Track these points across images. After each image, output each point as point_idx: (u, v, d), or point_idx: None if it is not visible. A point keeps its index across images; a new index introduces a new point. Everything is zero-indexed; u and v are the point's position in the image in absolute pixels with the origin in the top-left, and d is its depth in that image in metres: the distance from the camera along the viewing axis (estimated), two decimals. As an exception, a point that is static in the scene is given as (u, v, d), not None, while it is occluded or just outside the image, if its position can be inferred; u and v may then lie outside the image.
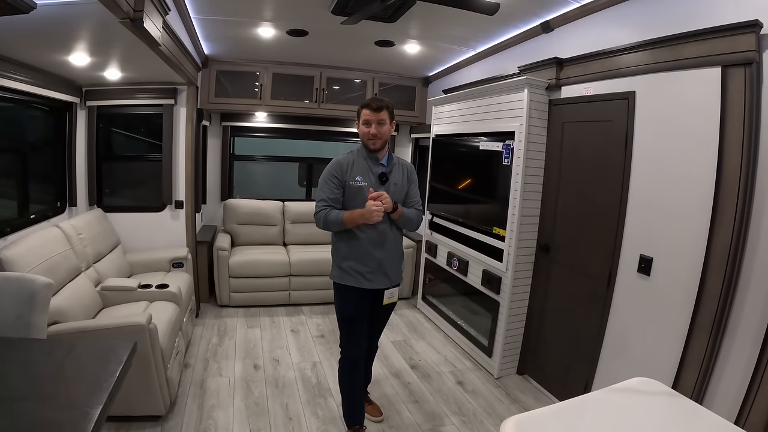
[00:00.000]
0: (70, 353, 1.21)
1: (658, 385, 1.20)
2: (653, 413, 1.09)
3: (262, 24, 2.86)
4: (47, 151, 2.92)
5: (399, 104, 4.02)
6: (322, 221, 1.87)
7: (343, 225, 1.85)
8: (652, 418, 1.08)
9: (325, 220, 1.86)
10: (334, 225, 1.86)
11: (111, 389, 1.00)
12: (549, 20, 2.53)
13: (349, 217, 1.83)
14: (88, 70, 2.62)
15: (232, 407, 2.26)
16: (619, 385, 1.22)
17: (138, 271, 3.04)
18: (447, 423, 2.24)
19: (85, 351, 1.24)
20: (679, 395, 1.16)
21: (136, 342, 1.30)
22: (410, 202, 2.02)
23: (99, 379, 1.04)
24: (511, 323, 2.67)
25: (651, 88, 1.94)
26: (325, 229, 1.90)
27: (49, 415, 0.92)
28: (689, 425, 1.06)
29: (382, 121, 1.90)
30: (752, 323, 1.58)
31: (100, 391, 0.98)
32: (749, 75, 1.55)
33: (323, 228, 1.90)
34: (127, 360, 1.16)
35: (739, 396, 1.60)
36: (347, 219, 1.83)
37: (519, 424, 0.98)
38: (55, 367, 1.14)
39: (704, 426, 1.04)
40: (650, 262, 1.93)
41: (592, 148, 2.26)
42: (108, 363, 1.12)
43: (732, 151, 1.61)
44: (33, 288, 1.64)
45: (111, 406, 1.00)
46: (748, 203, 1.59)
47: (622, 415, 1.08)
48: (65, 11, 1.68)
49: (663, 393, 1.17)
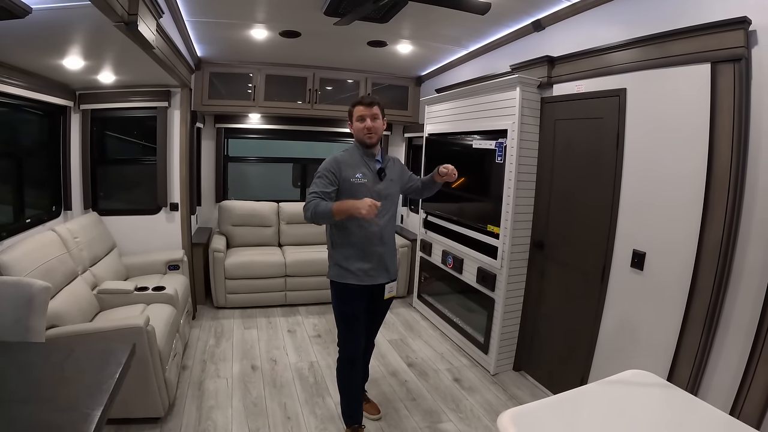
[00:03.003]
0: (69, 356, 1.21)
1: (652, 377, 1.21)
2: (648, 404, 1.11)
3: (255, 26, 2.86)
4: (42, 155, 2.91)
5: (392, 104, 4.05)
6: (311, 211, 1.77)
7: (331, 216, 1.75)
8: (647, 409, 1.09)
9: (314, 210, 1.76)
10: (322, 216, 1.77)
11: (111, 391, 1.01)
12: (540, 19, 2.55)
13: (338, 207, 1.73)
14: (82, 73, 2.62)
15: (230, 408, 2.26)
16: (613, 377, 1.23)
17: (134, 274, 3.04)
18: (445, 420, 2.25)
19: (84, 354, 1.24)
20: (673, 386, 1.18)
21: (135, 344, 1.31)
22: (414, 181, 2.17)
23: (99, 381, 1.04)
24: (507, 320, 2.69)
25: (641, 85, 1.96)
26: (312, 221, 1.80)
27: (48, 417, 0.92)
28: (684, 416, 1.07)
29: (375, 115, 1.91)
30: (744, 316, 1.60)
31: (99, 393, 0.99)
32: (738, 71, 1.58)
33: (311, 219, 1.80)
34: (126, 362, 1.17)
35: (733, 388, 1.62)
36: (336, 209, 1.73)
37: (515, 417, 1.00)
38: (54, 370, 1.14)
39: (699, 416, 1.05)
40: (643, 257, 1.96)
41: (585, 146, 2.29)
42: (107, 365, 1.12)
43: (722, 146, 1.64)
44: (30, 292, 1.64)
45: (111, 408, 1.00)
46: (739, 198, 1.61)
47: (617, 407, 1.09)
48: (60, 15, 1.68)
49: (657, 384, 1.18)
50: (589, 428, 1.03)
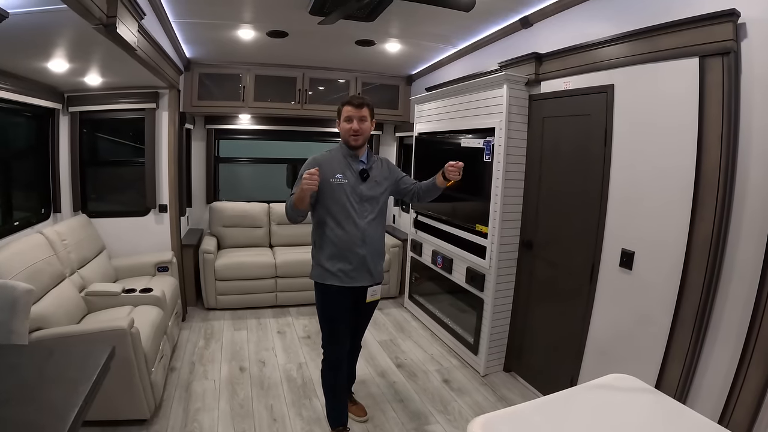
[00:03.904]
0: (50, 358, 1.26)
1: (635, 381, 1.17)
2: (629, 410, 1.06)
3: (242, 26, 2.85)
4: (31, 158, 2.91)
5: (383, 103, 4.02)
6: (287, 210, 1.87)
7: (294, 207, 1.79)
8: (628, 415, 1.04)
9: (286, 208, 1.87)
10: (290, 211, 1.85)
11: (87, 392, 1.03)
12: (528, 15, 2.52)
13: (297, 196, 1.75)
14: (68, 76, 2.62)
15: (217, 410, 2.25)
16: (594, 381, 1.19)
17: (123, 276, 3.03)
18: (432, 422, 2.23)
19: (64, 356, 1.28)
20: (656, 392, 1.13)
21: (115, 346, 1.32)
22: (409, 185, 2.09)
23: (75, 383, 1.07)
24: (496, 320, 2.67)
25: (629, 80, 1.93)
26: (290, 219, 1.87)
27: (27, 418, 0.95)
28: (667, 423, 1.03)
29: (363, 117, 1.89)
30: (735, 316, 1.57)
31: (76, 394, 1.02)
32: (727, 64, 1.55)
33: (290, 219, 1.87)
34: (105, 363, 1.19)
35: (724, 390, 1.59)
36: (295, 198, 1.76)
37: (486, 424, 0.96)
38: (35, 372, 1.18)
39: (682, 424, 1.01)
40: (632, 256, 1.93)
41: (573, 143, 2.26)
42: (86, 367, 1.15)
43: (711, 141, 1.60)
44: (14, 295, 1.64)
45: (88, 409, 1.03)
46: (729, 194, 1.58)
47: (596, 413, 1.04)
48: (38, 19, 1.67)
49: (640, 389, 1.13)
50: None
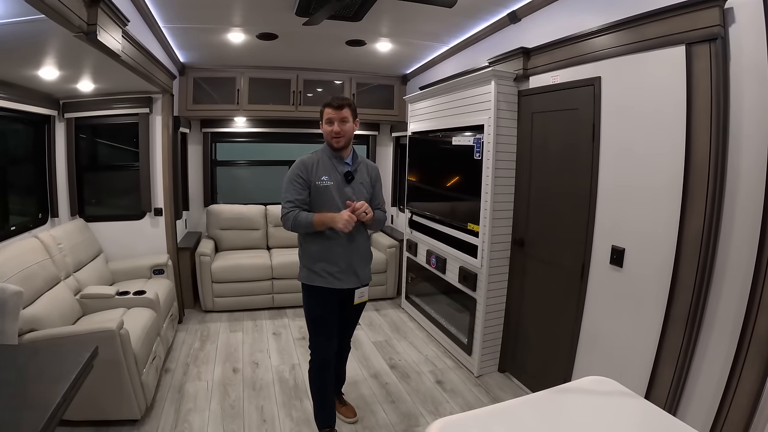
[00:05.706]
0: (33, 358, 1.31)
1: (612, 384, 1.12)
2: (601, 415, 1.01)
3: (232, 29, 2.87)
4: (28, 164, 2.97)
5: (378, 103, 4.01)
6: (291, 223, 1.84)
7: (312, 227, 1.83)
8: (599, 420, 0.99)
9: (294, 221, 1.83)
10: (302, 227, 1.85)
11: (66, 390, 1.07)
12: (515, 10, 2.48)
13: (320, 219, 1.81)
14: (60, 83, 2.66)
15: (208, 411, 2.26)
16: (569, 384, 1.16)
17: (120, 279, 3.07)
18: (422, 423, 2.20)
19: (47, 356, 1.33)
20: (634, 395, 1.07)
21: (98, 345, 1.34)
22: (376, 203, 2.02)
23: (56, 381, 1.11)
24: (489, 320, 2.63)
25: (616, 72, 1.89)
26: (293, 231, 1.89)
27: (8, 416, 0.99)
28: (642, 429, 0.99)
29: (344, 119, 1.88)
30: (729, 315, 1.52)
31: (54, 393, 1.05)
32: (714, 51, 1.50)
33: (291, 230, 1.88)
34: (87, 362, 1.22)
35: (718, 390, 1.53)
36: (317, 222, 1.81)
37: (444, 429, 0.93)
38: (18, 371, 1.21)
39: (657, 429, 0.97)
40: (622, 253, 1.88)
41: (562, 138, 2.21)
42: (67, 365, 1.19)
43: (700, 132, 1.55)
44: (3, 297, 1.68)
45: (67, 406, 1.07)
46: (720, 186, 1.52)
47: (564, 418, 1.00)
48: (23, 29, 1.70)
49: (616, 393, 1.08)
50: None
